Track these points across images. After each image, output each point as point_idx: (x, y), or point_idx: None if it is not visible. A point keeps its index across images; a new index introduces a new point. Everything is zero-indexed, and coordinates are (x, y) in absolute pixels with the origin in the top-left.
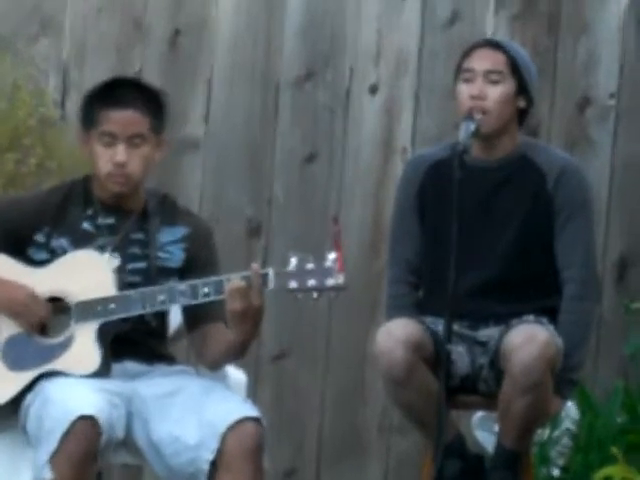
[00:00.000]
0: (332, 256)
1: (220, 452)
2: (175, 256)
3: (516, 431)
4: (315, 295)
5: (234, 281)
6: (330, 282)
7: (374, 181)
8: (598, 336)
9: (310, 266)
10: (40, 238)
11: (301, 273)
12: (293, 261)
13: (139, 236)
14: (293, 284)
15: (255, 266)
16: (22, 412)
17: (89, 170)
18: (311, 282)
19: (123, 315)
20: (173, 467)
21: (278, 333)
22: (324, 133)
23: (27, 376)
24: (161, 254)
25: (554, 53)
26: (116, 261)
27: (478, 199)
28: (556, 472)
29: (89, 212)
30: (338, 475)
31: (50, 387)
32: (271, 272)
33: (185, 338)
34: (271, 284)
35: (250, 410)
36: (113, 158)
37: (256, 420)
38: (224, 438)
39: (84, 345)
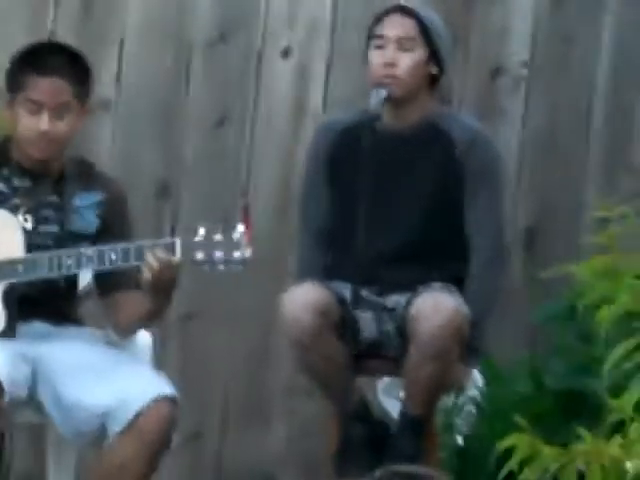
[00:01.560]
0: (240, 229)
1: (130, 425)
2: (89, 221)
3: (421, 398)
4: (221, 267)
5: (147, 256)
6: (237, 255)
7: (285, 145)
8: (505, 305)
9: (218, 237)
10: None
11: (208, 244)
12: (201, 231)
13: (53, 199)
14: (200, 255)
15: (163, 239)
16: None
17: (6, 132)
18: (218, 254)
19: (29, 277)
20: (78, 430)
21: (185, 295)
22: (236, 96)
23: None
24: (75, 218)
25: (467, 22)
26: (28, 223)
27: (388, 166)
28: (460, 439)
29: (4, 173)
30: (243, 439)
31: None
32: (178, 242)
33: (94, 300)
34: (178, 254)
35: (165, 388)
36: (37, 126)
37: (170, 399)
38: (137, 413)
39: None
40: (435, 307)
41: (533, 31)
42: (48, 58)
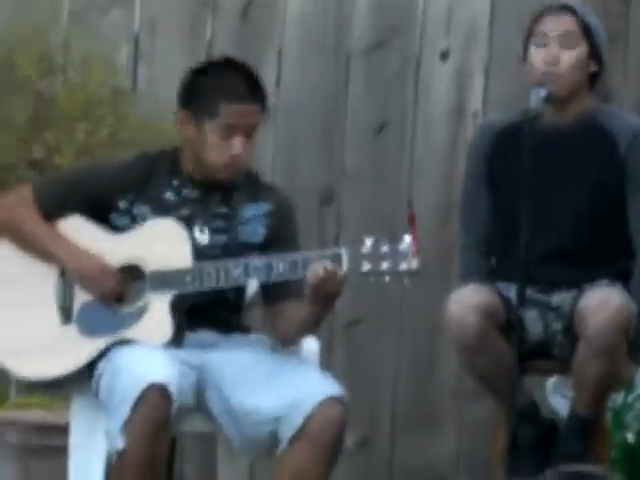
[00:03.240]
0: (407, 239)
1: (302, 429)
2: (257, 232)
3: (590, 395)
4: (387, 279)
5: (318, 267)
6: (404, 266)
7: (445, 148)
8: None
9: (384, 248)
10: (123, 204)
11: (375, 255)
12: (367, 242)
13: (222, 210)
14: (366, 266)
15: (329, 250)
16: (94, 380)
17: (162, 141)
18: (385, 265)
19: (197, 287)
20: (249, 437)
21: (351, 301)
22: (395, 101)
23: (100, 343)
24: (243, 229)
25: (626, 18)
26: (204, 235)
27: (549, 164)
28: (631, 437)
29: (174, 183)
30: (412, 444)
31: (121, 356)
32: (345, 254)
33: (260, 308)
34: (345, 265)
35: (334, 389)
36: (232, 151)
37: (340, 400)
38: (308, 417)
39: (157, 315)
40: (602, 303)
41: None
42: (238, 82)
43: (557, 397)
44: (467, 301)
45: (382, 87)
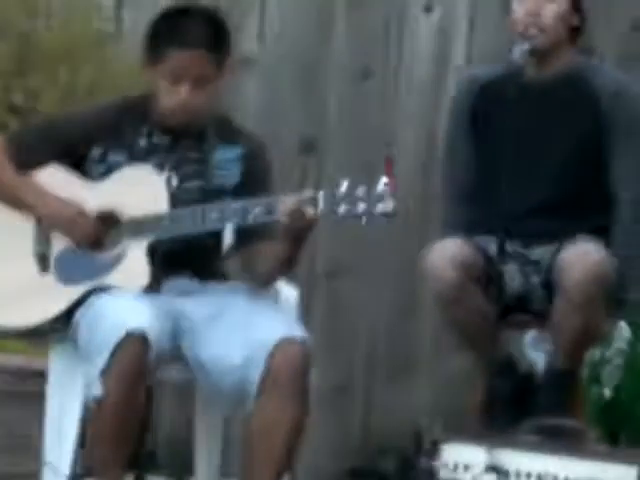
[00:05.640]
0: (383, 182)
1: (267, 371)
2: (230, 175)
3: (568, 349)
4: (364, 221)
5: (287, 202)
6: (379, 208)
7: (428, 99)
8: None
9: (361, 190)
10: (97, 153)
11: (351, 198)
12: (344, 185)
13: (195, 155)
14: (342, 208)
15: (306, 192)
16: (73, 327)
17: (145, 88)
18: (361, 207)
19: (174, 232)
20: (220, 387)
21: (331, 251)
22: (379, 50)
23: (78, 290)
24: (217, 173)
25: None
26: (175, 179)
27: (531, 118)
28: (607, 392)
29: (146, 129)
30: (388, 393)
31: (100, 302)
32: (321, 195)
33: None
34: (320, 207)
35: (296, 330)
36: (178, 97)
37: (302, 340)
38: (270, 357)
39: (135, 261)
40: (581, 257)
41: None
42: (189, 28)
43: (535, 351)
44: (446, 254)
45: (366, 35)
